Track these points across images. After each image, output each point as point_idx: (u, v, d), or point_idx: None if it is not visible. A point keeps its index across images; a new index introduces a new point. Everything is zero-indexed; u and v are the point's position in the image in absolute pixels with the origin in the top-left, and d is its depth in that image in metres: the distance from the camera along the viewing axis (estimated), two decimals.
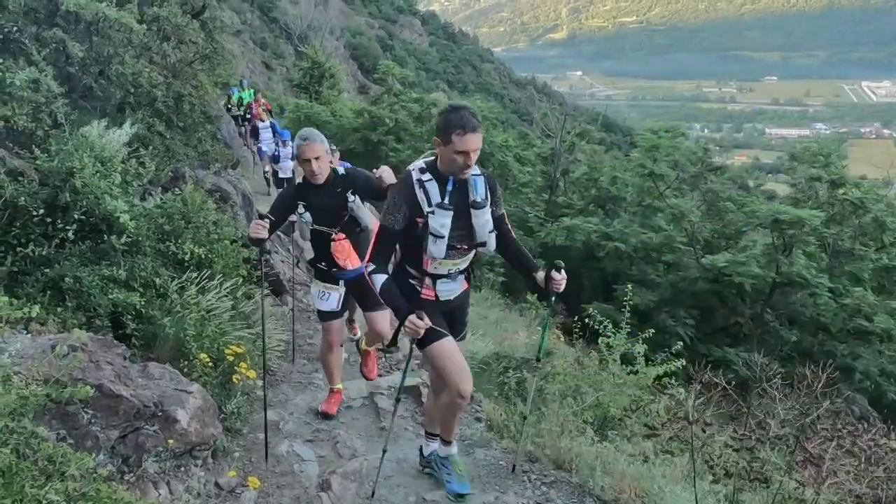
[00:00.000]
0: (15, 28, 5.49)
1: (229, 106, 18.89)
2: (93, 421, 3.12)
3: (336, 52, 43.81)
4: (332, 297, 4.64)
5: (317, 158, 4.29)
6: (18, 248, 4.11)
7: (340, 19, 55.42)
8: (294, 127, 14.44)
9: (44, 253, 4.16)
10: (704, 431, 4.35)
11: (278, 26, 49.02)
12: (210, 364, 4.46)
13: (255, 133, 15.02)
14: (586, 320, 6.35)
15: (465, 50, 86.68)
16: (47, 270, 4.17)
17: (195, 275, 5.02)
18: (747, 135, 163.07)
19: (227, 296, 5.19)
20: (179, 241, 5.12)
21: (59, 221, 4.26)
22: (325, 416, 4.96)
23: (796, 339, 13.45)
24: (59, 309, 4.07)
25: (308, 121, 21.09)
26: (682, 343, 6.38)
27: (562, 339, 9.65)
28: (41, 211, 4.20)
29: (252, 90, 18.95)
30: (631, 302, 6.20)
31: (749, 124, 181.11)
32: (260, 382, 5.27)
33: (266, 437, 4.19)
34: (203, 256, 5.19)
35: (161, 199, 5.34)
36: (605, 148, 28.16)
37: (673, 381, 5.32)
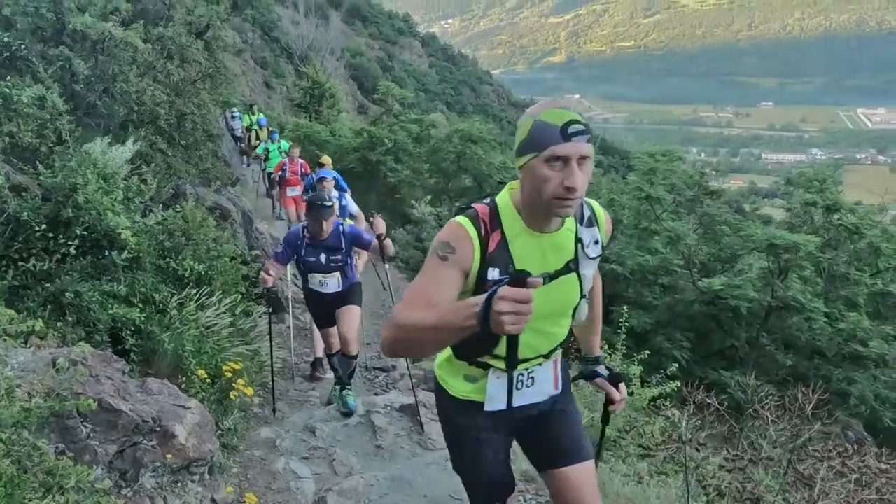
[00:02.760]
0: (22, 46, 5.57)
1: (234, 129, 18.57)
2: (91, 435, 3.14)
3: (336, 72, 44.06)
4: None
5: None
6: (20, 263, 4.15)
7: (341, 40, 55.78)
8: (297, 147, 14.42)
9: (45, 268, 4.20)
10: (699, 451, 4.36)
11: (279, 46, 49.32)
12: (208, 380, 4.49)
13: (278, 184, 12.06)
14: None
15: (465, 72, 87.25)
16: (48, 285, 4.20)
17: (194, 291, 5.07)
18: (744, 159, 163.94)
19: (225, 312, 5.24)
20: (179, 257, 5.16)
21: (61, 236, 4.30)
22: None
23: (792, 363, 13.46)
24: (59, 323, 4.10)
25: (307, 140, 21.22)
26: (677, 365, 6.40)
27: None
28: (43, 226, 4.24)
29: (261, 115, 17.87)
30: (627, 324, 6.23)
31: (745, 149, 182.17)
32: (257, 400, 5.30)
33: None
34: (203, 273, 5.24)
35: (162, 215, 5.39)
36: (602, 171, 28.31)
37: (667, 403, 5.35)
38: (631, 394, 5.33)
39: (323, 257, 5.09)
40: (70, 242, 4.28)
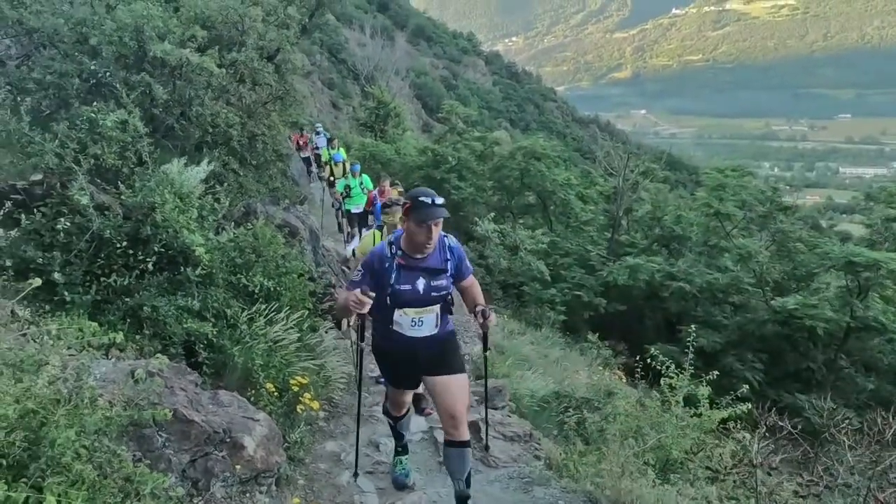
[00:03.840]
0: (107, 73, 5.89)
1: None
2: (166, 444, 3.26)
3: (401, 92, 44.80)
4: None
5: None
6: (102, 278, 4.35)
7: (406, 60, 56.74)
8: (361, 164, 14.62)
9: (125, 283, 4.39)
10: (771, 476, 4.20)
11: (346, 67, 50.57)
12: (276, 393, 4.60)
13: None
14: (648, 361, 6.25)
15: (528, 89, 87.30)
16: (128, 299, 4.40)
17: (264, 306, 5.21)
18: (820, 174, 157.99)
19: (293, 327, 5.35)
20: (250, 273, 5.31)
21: (140, 253, 4.50)
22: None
23: (873, 386, 12.84)
24: (137, 336, 4.28)
25: (373, 159, 21.61)
26: (748, 387, 6.19)
27: (623, 379, 9.49)
28: (124, 243, 4.44)
29: (340, 151, 15.96)
30: (695, 343, 6.07)
31: (822, 163, 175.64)
32: (322, 414, 5.39)
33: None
34: (272, 289, 5.38)
35: (234, 233, 5.56)
36: (669, 187, 27.77)
37: (738, 426, 5.18)
38: (699, 415, 5.19)
39: (421, 284, 3.70)
40: (148, 259, 4.47)
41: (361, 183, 12.57)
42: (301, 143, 19.90)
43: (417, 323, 3.76)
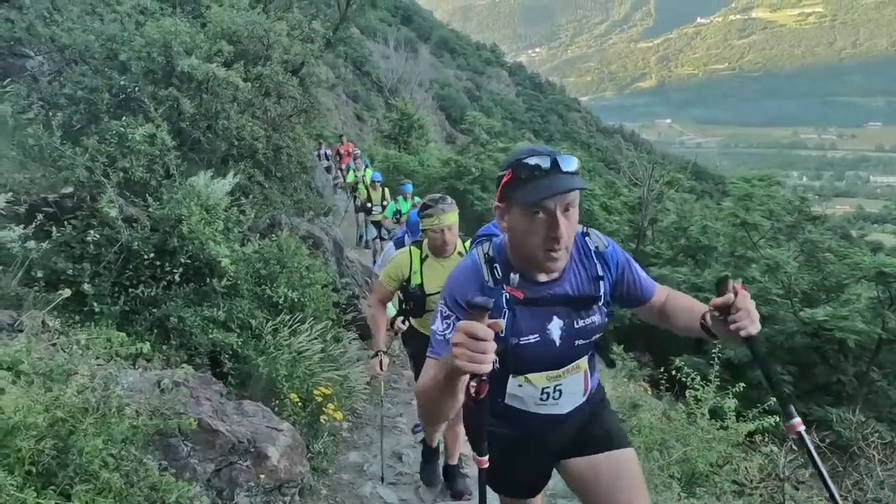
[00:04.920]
0: (136, 88, 6.02)
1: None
2: (191, 453, 3.30)
3: (424, 104, 45.04)
4: None
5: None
6: (130, 289, 4.43)
7: (430, 72, 57.11)
8: (384, 175, 14.65)
9: (152, 294, 4.46)
10: (798, 490, 4.12)
11: (370, 80, 51.01)
12: (300, 404, 4.63)
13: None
14: (674, 373, 6.19)
15: (552, 99, 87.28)
16: (155, 310, 4.46)
17: (288, 317, 5.25)
18: (850, 183, 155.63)
19: (317, 338, 5.38)
20: (274, 284, 5.36)
21: (167, 265, 4.57)
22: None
23: None
24: (163, 346, 4.34)
25: (396, 170, 21.73)
26: (774, 400, 6.10)
27: (649, 391, 9.39)
28: (151, 255, 4.51)
29: (375, 171, 14.08)
30: (721, 355, 6.00)
31: (852, 172, 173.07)
32: (346, 424, 5.41)
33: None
34: (296, 300, 5.42)
35: (259, 244, 5.62)
36: (695, 196, 27.54)
37: (766, 439, 5.10)
38: (726, 428, 5.12)
39: (556, 328, 2.15)
40: (175, 270, 4.54)
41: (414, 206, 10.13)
42: (342, 152, 18.61)
43: (552, 395, 2.24)
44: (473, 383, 1.67)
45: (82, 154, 4.81)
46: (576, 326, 2.15)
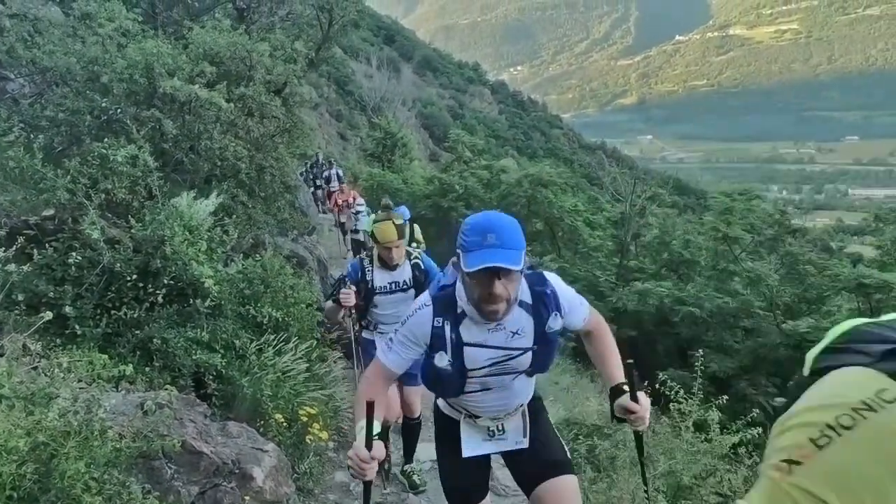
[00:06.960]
0: (118, 110, 6.02)
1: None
2: (175, 476, 3.27)
3: (408, 122, 45.24)
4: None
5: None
6: (113, 311, 4.39)
7: (412, 91, 57.44)
8: (368, 194, 14.68)
9: (135, 315, 4.42)
10: None
11: (353, 99, 51.22)
12: (285, 424, 4.60)
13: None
14: (657, 387, 6.22)
15: (535, 117, 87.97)
16: (137, 332, 4.43)
17: (272, 337, 5.23)
18: (829, 196, 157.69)
19: (301, 358, 5.36)
20: (258, 304, 5.34)
21: (150, 286, 4.54)
22: None
23: None
24: (147, 368, 4.30)
25: (381, 189, 21.76)
26: (762, 412, 6.13)
27: None
28: (134, 276, 4.48)
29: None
30: (705, 368, 6.04)
31: (831, 185, 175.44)
32: (332, 444, 5.38)
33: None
34: (280, 320, 5.40)
35: (242, 264, 5.60)
36: (677, 211, 27.77)
37: (750, 451, 5.13)
38: (710, 440, 5.15)
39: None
40: (158, 291, 4.51)
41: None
42: (341, 202, 16.00)
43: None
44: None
45: (64, 176, 4.79)
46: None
